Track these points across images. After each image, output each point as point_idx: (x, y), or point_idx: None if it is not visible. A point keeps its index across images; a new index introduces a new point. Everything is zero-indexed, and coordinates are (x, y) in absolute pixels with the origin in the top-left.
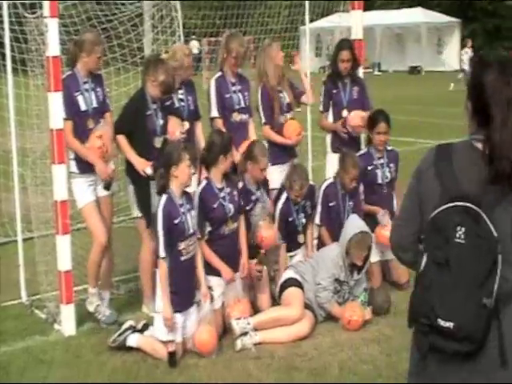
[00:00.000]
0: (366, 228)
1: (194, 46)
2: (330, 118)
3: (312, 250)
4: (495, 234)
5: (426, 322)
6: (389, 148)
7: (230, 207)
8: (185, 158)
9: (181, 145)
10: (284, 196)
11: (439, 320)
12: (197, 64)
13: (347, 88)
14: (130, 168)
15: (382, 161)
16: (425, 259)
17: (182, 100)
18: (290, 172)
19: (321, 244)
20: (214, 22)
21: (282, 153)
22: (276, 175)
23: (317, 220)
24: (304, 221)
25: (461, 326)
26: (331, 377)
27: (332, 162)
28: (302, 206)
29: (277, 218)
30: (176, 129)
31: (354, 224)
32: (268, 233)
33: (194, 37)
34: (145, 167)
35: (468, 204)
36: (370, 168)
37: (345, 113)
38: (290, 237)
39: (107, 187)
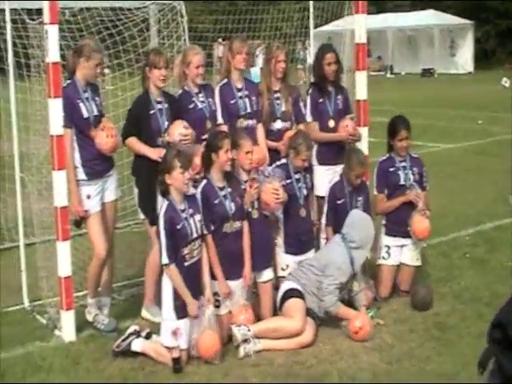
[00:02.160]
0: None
1: (220, 48)
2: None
3: (316, 216)
4: None
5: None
6: (414, 155)
7: (232, 206)
8: (176, 165)
9: (173, 152)
10: (283, 160)
11: None
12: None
13: (332, 97)
14: (136, 169)
15: (404, 164)
16: None
17: (203, 102)
18: (293, 138)
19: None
20: (227, 26)
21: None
22: None
23: (323, 220)
24: (305, 192)
25: None
26: None
27: (321, 175)
28: (303, 177)
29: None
30: (175, 130)
31: (361, 217)
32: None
33: (220, 40)
34: (160, 154)
35: None
36: (391, 170)
37: (331, 123)
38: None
39: (78, 225)
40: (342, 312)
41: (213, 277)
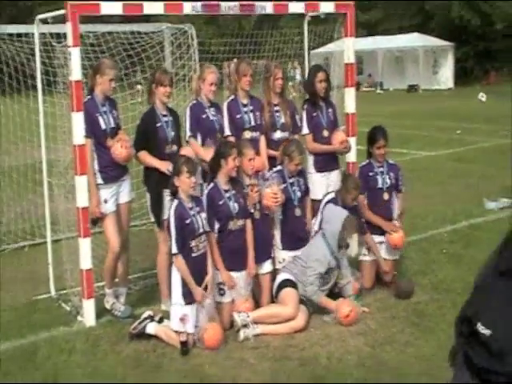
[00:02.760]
0: (346, 212)
1: (231, 66)
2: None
3: (310, 223)
4: None
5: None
6: (391, 162)
7: (235, 206)
8: (184, 170)
9: (182, 159)
10: (278, 167)
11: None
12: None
13: (324, 111)
14: (146, 179)
15: (382, 169)
16: None
17: (214, 115)
18: (286, 146)
19: None
20: (235, 47)
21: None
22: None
23: (317, 221)
24: (299, 194)
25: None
26: (319, 365)
27: (319, 181)
28: (297, 181)
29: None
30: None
31: (336, 212)
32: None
33: (235, 60)
34: (167, 166)
35: None
36: (371, 174)
37: (326, 133)
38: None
39: (94, 223)
40: (323, 301)
41: (217, 268)
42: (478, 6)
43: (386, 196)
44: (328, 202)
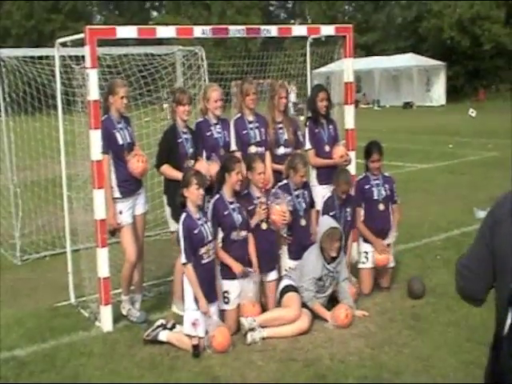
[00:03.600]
0: (335, 224)
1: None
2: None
3: (315, 233)
4: None
5: None
6: (386, 174)
7: (239, 217)
8: (193, 182)
9: (191, 171)
10: (284, 181)
11: None
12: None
13: (325, 127)
14: (167, 189)
15: (377, 181)
16: (510, 320)
17: (219, 132)
18: (291, 159)
19: None
20: (242, 68)
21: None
22: None
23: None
24: (304, 205)
25: None
26: (323, 366)
27: (322, 193)
28: (302, 193)
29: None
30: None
31: (324, 223)
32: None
33: (250, 78)
34: None
35: None
36: (367, 187)
37: (327, 148)
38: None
39: (112, 234)
40: (317, 308)
41: (223, 277)
42: (467, 29)
43: (381, 207)
44: (327, 200)
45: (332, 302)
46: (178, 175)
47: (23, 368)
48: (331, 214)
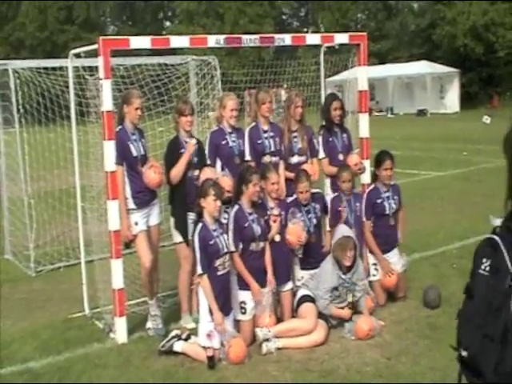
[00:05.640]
0: (348, 233)
1: (282, 94)
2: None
3: (328, 244)
4: None
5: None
6: (392, 182)
7: (258, 229)
8: (210, 193)
9: (210, 182)
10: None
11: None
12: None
13: (339, 136)
14: (172, 199)
15: (388, 194)
16: None
17: (234, 141)
18: (295, 178)
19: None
20: (256, 77)
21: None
22: None
23: (327, 226)
24: (315, 221)
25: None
26: (339, 377)
27: None
28: (312, 208)
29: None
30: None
31: (338, 231)
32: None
33: (285, 86)
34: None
35: None
36: (378, 201)
37: (341, 157)
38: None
39: (127, 246)
40: (334, 311)
41: (239, 287)
42: (481, 35)
43: (391, 221)
44: (334, 198)
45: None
46: (182, 161)
47: (38, 380)
48: (340, 209)
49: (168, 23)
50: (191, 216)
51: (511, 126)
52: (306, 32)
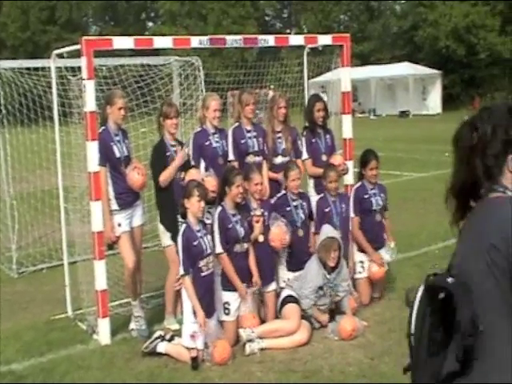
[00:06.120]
0: (333, 233)
1: (270, 94)
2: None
3: (314, 245)
4: None
5: None
6: (379, 182)
7: (241, 230)
8: (194, 194)
9: (194, 183)
10: (282, 192)
11: None
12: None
13: (322, 137)
14: (159, 206)
15: (374, 191)
16: None
17: (217, 142)
18: (285, 170)
19: None
20: (239, 78)
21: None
22: None
23: (312, 229)
24: (303, 217)
25: None
26: (322, 377)
27: None
28: (300, 204)
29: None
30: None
31: (323, 232)
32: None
33: (272, 86)
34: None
35: None
36: (365, 197)
37: (324, 157)
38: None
39: (110, 247)
40: (316, 315)
41: (223, 288)
42: (463, 37)
43: (378, 217)
44: (320, 199)
45: (332, 313)
46: (174, 164)
47: (20, 382)
48: (326, 210)
49: (151, 24)
50: (180, 219)
51: (459, 127)
52: (289, 33)
